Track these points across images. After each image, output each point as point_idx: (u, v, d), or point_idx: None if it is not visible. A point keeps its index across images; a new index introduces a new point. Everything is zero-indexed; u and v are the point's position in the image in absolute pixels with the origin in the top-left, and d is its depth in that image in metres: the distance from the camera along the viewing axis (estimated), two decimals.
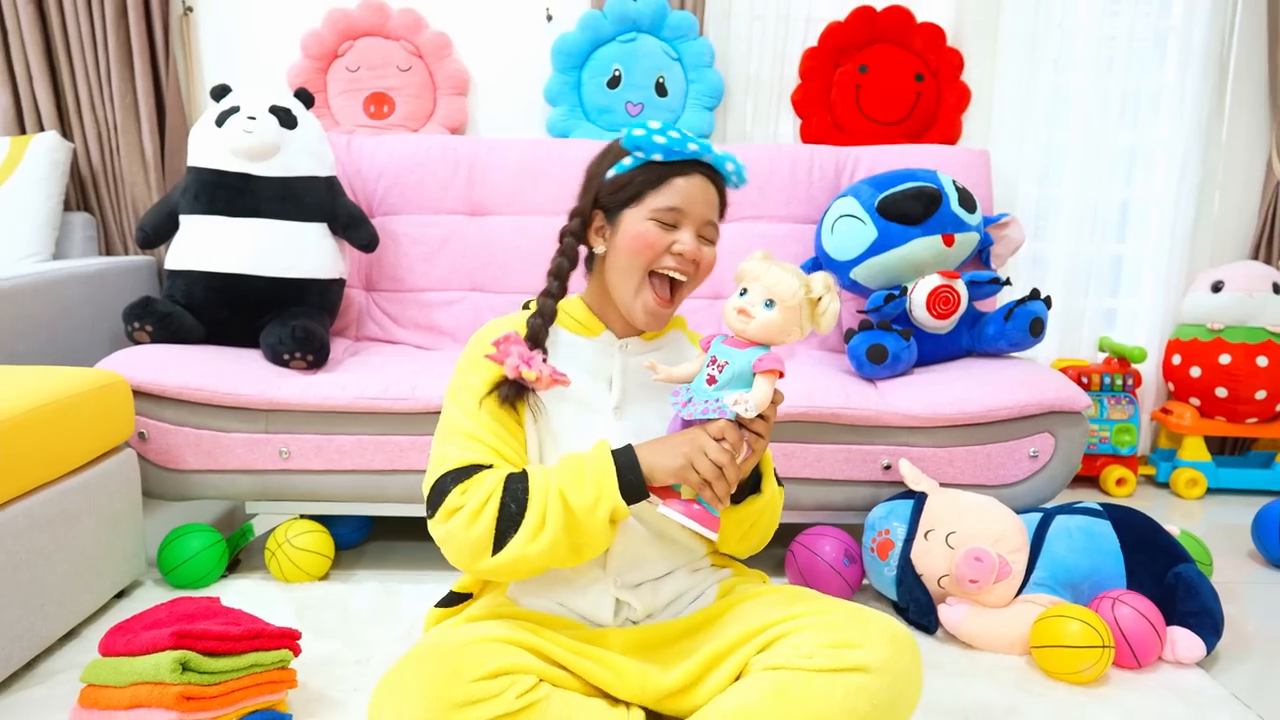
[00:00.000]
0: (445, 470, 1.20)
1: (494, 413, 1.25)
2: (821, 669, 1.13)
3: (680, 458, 1.14)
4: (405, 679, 1.09)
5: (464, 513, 1.17)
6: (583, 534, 1.16)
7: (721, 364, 1.15)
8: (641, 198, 1.24)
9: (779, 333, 1.15)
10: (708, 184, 1.26)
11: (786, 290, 1.13)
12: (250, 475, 1.99)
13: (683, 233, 1.24)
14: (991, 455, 1.99)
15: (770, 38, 2.75)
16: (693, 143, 1.24)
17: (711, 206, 1.27)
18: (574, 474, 1.17)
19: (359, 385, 1.98)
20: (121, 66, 2.62)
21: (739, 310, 1.16)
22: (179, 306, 2.17)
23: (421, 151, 2.54)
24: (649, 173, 1.24)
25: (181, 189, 2.25)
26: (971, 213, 2.27)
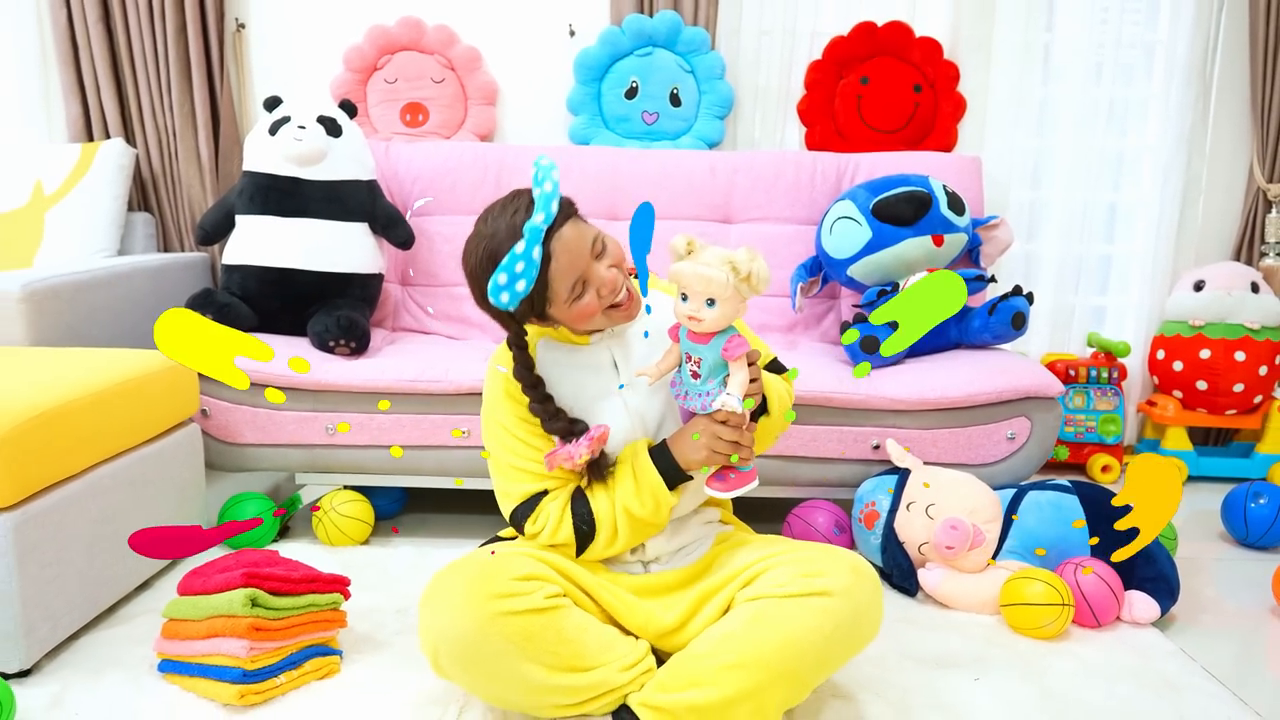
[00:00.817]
0: (514, 506, 1.47)
1: (527, 440, 1.47)
2: (792, 594, 1.35)
3: (703, 450, 1.36)
4: (453, 575, 1.33)
5: (544, 536, 1.45)
6: (650, 527, 1.45)
7: (696, 359, 1.33)
8: (548, 301, 1.35)
9: (728, 319, 1.29)
10: (563, 232, 1.31)
11: (720, 284, 1.25)
12: (299, 449, 2.21)
13: (593, 280, 1.34)
14: (972, 437, 2.17)
15: (777, 51, 2.93)
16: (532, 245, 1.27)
17: (582, 238, 1.33)
18: (632, 492, 1.42)
19: (397, 369, 2.20)
20: (180, 79, 2.85)
21: (689, 316, 1.28)
22: (235, 298, 2.40)
23: (453, 157, 2.75)
24: (537, 287, 1.31)
25: (237, 191, 2.48)
26: (960, 215, 2.44)
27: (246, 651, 1.49)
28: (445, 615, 1.31)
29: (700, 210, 2.72)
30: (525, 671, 1.32)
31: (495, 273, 1.30)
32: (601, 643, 1.40)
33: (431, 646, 1.34)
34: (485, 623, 1.29)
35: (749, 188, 2.72)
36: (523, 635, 1.31)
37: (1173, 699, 1.59)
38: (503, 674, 1.33)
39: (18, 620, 1.53)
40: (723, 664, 1.32)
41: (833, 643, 1.35)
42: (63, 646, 1.69)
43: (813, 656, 1.34)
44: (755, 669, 1.31)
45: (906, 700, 1.57)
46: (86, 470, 1.73)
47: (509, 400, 1.48)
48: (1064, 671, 1.68)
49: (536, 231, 1.28)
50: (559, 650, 1.34)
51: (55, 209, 2.68)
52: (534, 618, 1.32)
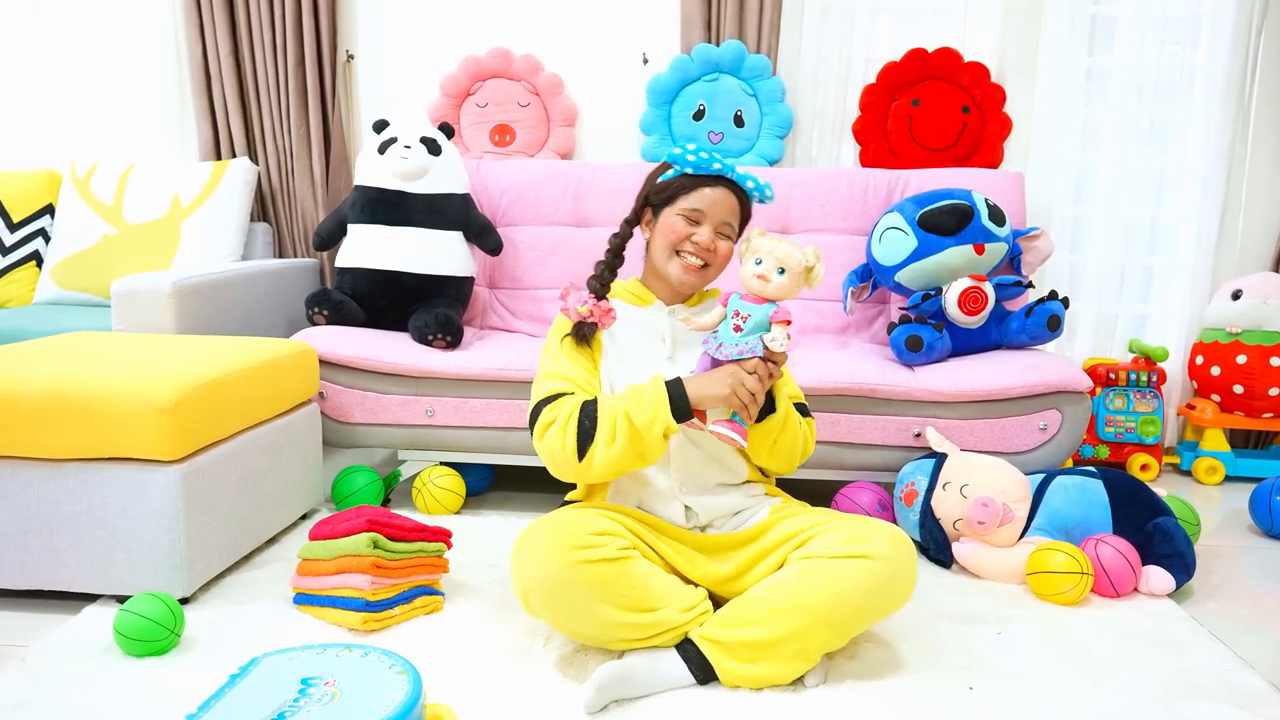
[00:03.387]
0: (540, 398, 1.70)
1: (573, 356, 1.73)
2: (838, 555, 1.57)
3: (726, 387, 1.58)
4: (539, 529, 1.59)
5: (554, 426, 1.64)
6: (643, 444, 1.61)
7: (745, 316, 1.58)
8: (675, 200, 1.71)
9: (787, 292, 1.58)
10: (729, 194, 1.70)
11: (795, 261, 1.57)
12: (402, 429, 2.51)
13: (702, 229, 1.69)
14: (1006, 427, 2.37)
15: (834, 76, 3.16)
16: (717, 163, 1.69)
17: (730, 211, 1.69)
18: (636, 399, 1.62)
19: (488, 360, 2.48)
20: (298, 104, 3.20)
21: (758, 276, 1.58)
22: (347, 297, 2.72)
23: (537, 174, 3.04)
24: (683, 181, 1.71)
25: (349, 203, 2.80)
26: (1000, 226, 2.64)
27: (369, 585, 1.77)
28: (533, 562, 1.55)
29: (760, 222, 2.93)
30: (600, 610, 1.56)
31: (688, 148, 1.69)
32: (665, 587, 1.63)
33: (522, 587, 1.59)
34: (567, 569, 1.53)
35: (806, 201, 2.95)
36: (598, 580, 1.54)
37: (1175, 653, 1.78)
38: (581, 612, 1.57)
39: (183, 554, 1.85)
40: (775, 607, 1.56)
41: (872, 597, 1.58)
42: (214, 581, 2.00)
43: (853, 608, 1.57)
44: (802, 614, 1.54)
45: (935, 646, 1.78)
46: (233, 435, 2.05)
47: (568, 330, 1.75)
48: (1080, 630, 1.87)
49: (730, 167, 1.69)
50: (629, 593, 1.57)
51: (190, 219, 3.05)
52: (608, 566, 1.55)
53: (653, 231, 1.75)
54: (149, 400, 1.78)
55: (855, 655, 1.74)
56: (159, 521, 1.82)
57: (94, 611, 1.85)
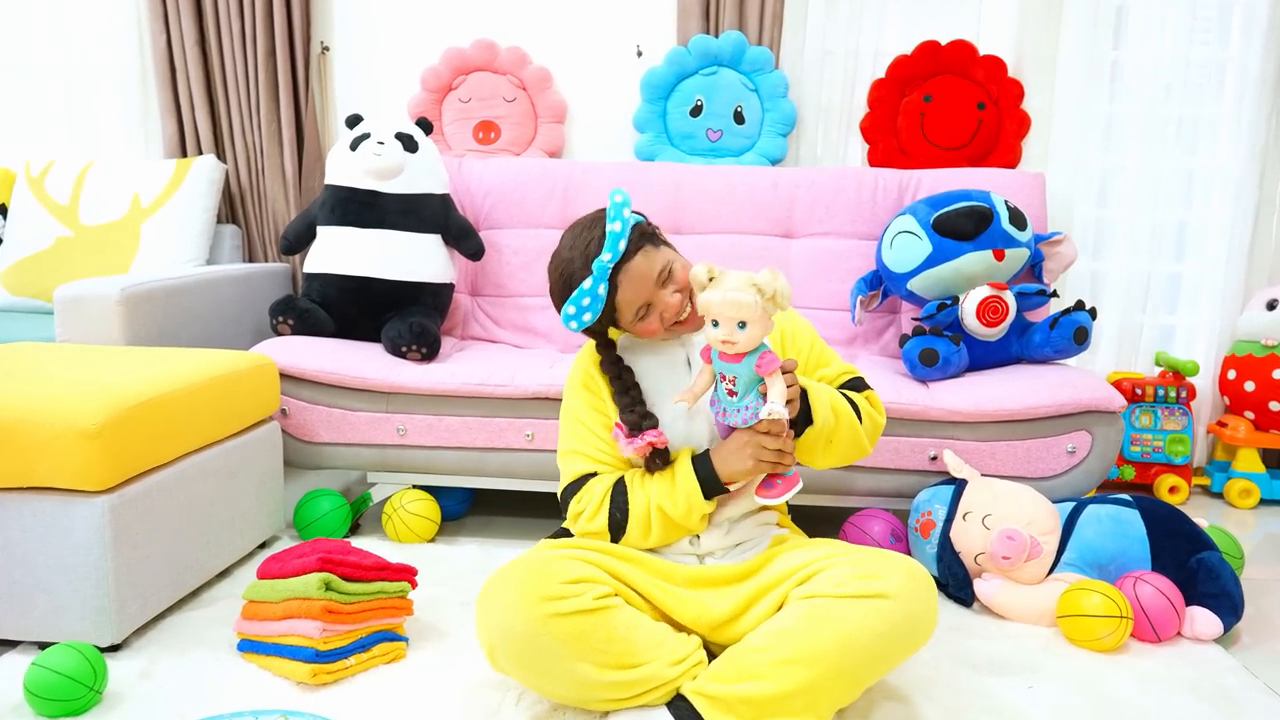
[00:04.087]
0: (566, 484, 1.59)
1: (590, 424, 1.59)
2: (848, 595, 1.37)
3: (749, 460, 1.45)
4: (507, 577, 1.38)
5: (584, 517, 1.55)
6: (682, 530, 1.53)
7: (731, 378, 1.41)
8: (615, 322, 1.55)
9: (759, 338, 1.38)
10: (631, 264, 1.47)
11: (750, 307, 1.33)
12: (371, 449, 2.31)
13: (658, 304, 1.50)
14: (1031, 450, 2.17)
15: (841, 70, 2.98)
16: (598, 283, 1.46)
17: (649, 268, 1.48)
18: (667, 492, 1.51)
19: (465, 374, 2.28)
20: (268, 99, 3.00)
21: (723, 341, 1.36)
22: (315, 305, 2.52)
23: (523, 173, 2.84)
24: (602, 314, 1.50)
25: (319, 203, 2.61)
26: (1022, 230, 2.44)
27: (319, 633, 1.57)
28: (499, 614, 1.37)
29: (762, 225, 2.77)
30: (576, 669, 1.37)
31: (566, 303, 1.49)
32: (652, 639, 1.43)
33: (487, 643, 1.41)
34: (537, 623, 1.34)
35: (810, 203, 2.76)
36: (573, 635, 1.35)
37: (1231, 713, 1.57)
38: (555, 671, 1.38)
39: (111, 596, 1.64)
40: (779, 658, 1.36)
41: (887, 643, 1.38)
42: (151, 624, 1.80)
43: (867, 656, 1.37)
44: (810, 665, 1.34)
45: (958, 704, 1.58)
46: (176, 460, 1.84)
47: (584, 390, 1.62)
48: (1120, 682, 1.67)
49: (603, 269, 1.46)
50: (609, 649, 1.38)
51: (151, 220, 2.84)
52: (583, 618, 1.36)
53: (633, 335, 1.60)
54: (72, 423, 1.58)
55: (869, 713, 1.54)
56: (83, 559, 1.62)
57: (11, 661, 1.65)
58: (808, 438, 1.52)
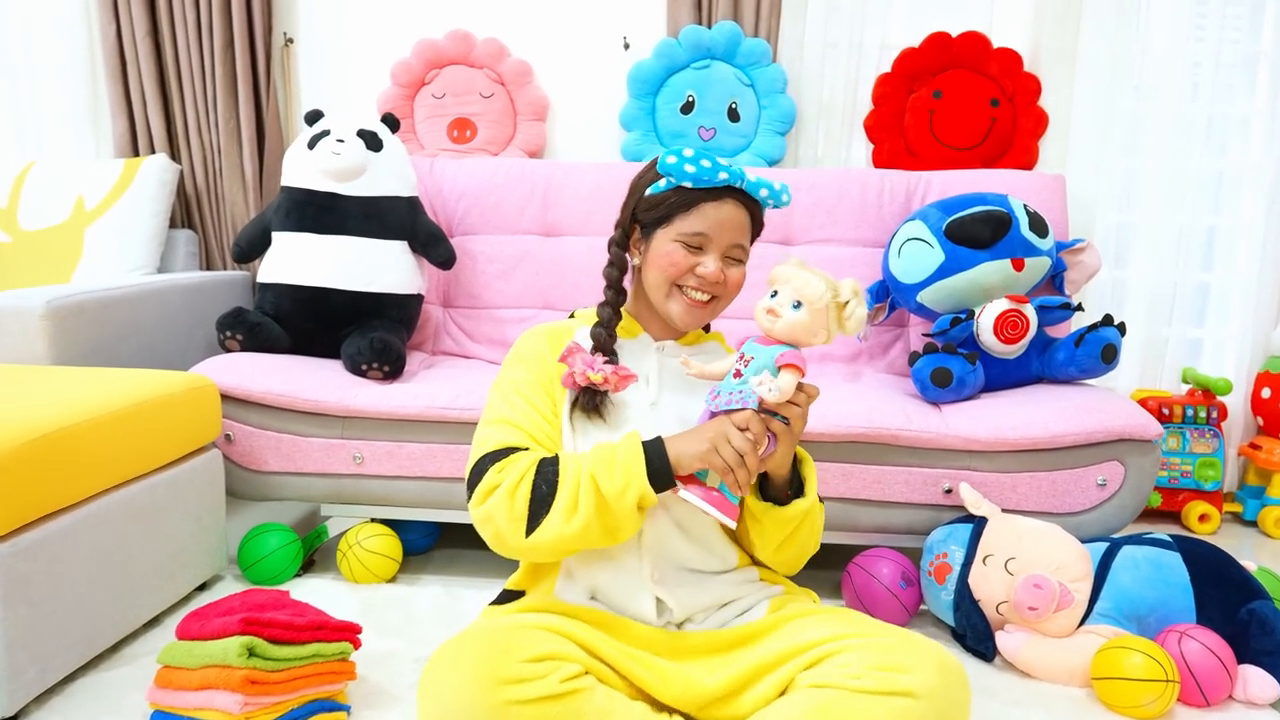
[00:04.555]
0: (484, 452, 1.30)
1: (529, 397, 1.35)
2: (867, 690, 1.14)
3: (705, 442, 1.21)
4: (458, 655, 1.15)
5: (500, 491, 1.26)
6: (613, 517, 1.24)
7: (748, 359, 1.23)
8: (671, 220, 1.33)
9: (805, 333, 1.22)
10: (737, 209, 1.33)
11: (814, 293, 1.20)
12: (325, 479, 2.09)
13: (707, 257, 1.32)
14: (1057, 482, 1.95)
15: (843, 64, 2.77)
16: (723, 171, 1.30)
17: (740, 230, 1.34)
18: (605, 461, 1.24)
19: (430, 395, 2.06)
20: (226, 94, 2.79)
21: (768, 310, 1.23)
22: (268, 318, 2.30)
23: (500, 174, 2.63)
24: (680, 197, 1.32)
25: (275, 207, 2.39)
26: (1043, 237, 2.24)
27: (240, 707, 1.35)
28: (446, 702, 1.13)
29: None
30: None
31: (686, 149, 1.31)
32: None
33: None
34: (493, 712, 1.11)
35: (811, 207, 2.55)
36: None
37: None
38: None
39: (2, 662, 1.41)
40: None
41: None
42: (54, 690, 1.57)
43: None
44: None
45: None
46: (91, 498, 1.62)
47: (535, 361, 1.38)
48: None
49: (739, 174, 1.31)
50: None
51: (95, 225, 2.62)
52: (549, 705, 1.13)
53: (644, 258, 1.38)
54: None
55: None
56: None
57: None
58: (787, 512, 1.31)
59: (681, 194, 1.32)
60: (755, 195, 1.34)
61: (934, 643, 1.21)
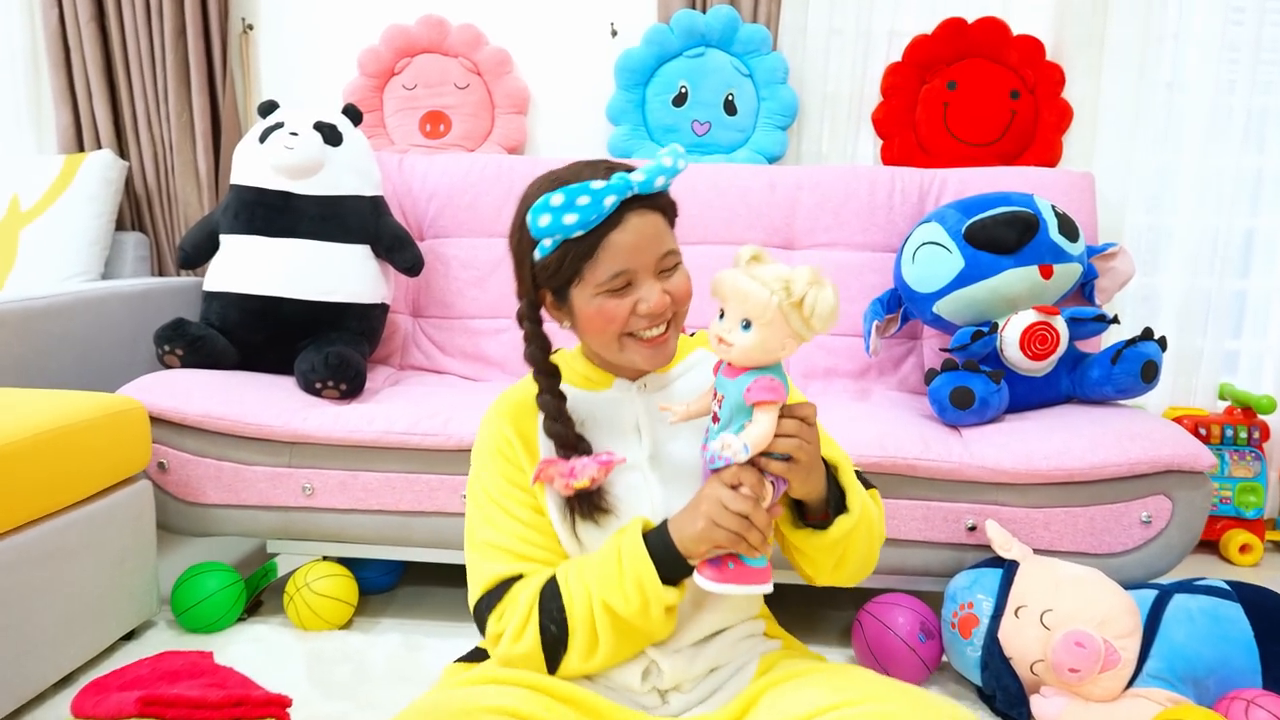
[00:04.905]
0: (479, 594, 1.10)
1: (509, 512, 1.12)
2: None
3: (701, 520, 0.99)
4: None
5: (505, 639, 1.07)
6: (641, 634, 1.06)
7: (720, 399, 1.01)
8: (579, 275, 1.06)
9: (765, 354, 0.98)
10: (645, 217, 1.07)
11: (757, 304, 0.95)
12: (271, 512, 1.87)
13: (641, 289, 1.07)
14: (1095, 519, 1.73)
15: (849, 53, 2.57)
16: (609, 194, 1.02)
17: (659, 238, 1.08)
18: (613, 580, 1.03)
19: (388, 418, 1.84)
20: (179, 84, 2.58)
21: (719, 339, 1.00)
22: (213, 330, 2.08)
23: (475, 171, 2.42)
24: (575, 247, 1.05)
25: (223, 207, 2.18)
26: (1073, 241, 2.02)
27: None
28: None
29: (758, 234, 2.34)
30: None
31: (552, 192, 1.02)
32: None
33: None
34: None
35: (815, 208, 2.34)
36: None
37: None
38: None
39: None
40: None
41: None
42: None
43: None
44: None
45: None
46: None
47: (498, 458, 1.14)
48: None
49: (624, 183, 1.03)
50: None
51: (31, 227, 2.41)
52: None
53: (573, 322, 1.13)
54: None
55: None
56: None
57: None
58: (830, 535, 1.08)
59: (575, 243, 1.05)
60: (650, 191, 1.07)
61: (957, 707, 0.99)
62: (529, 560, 1.09)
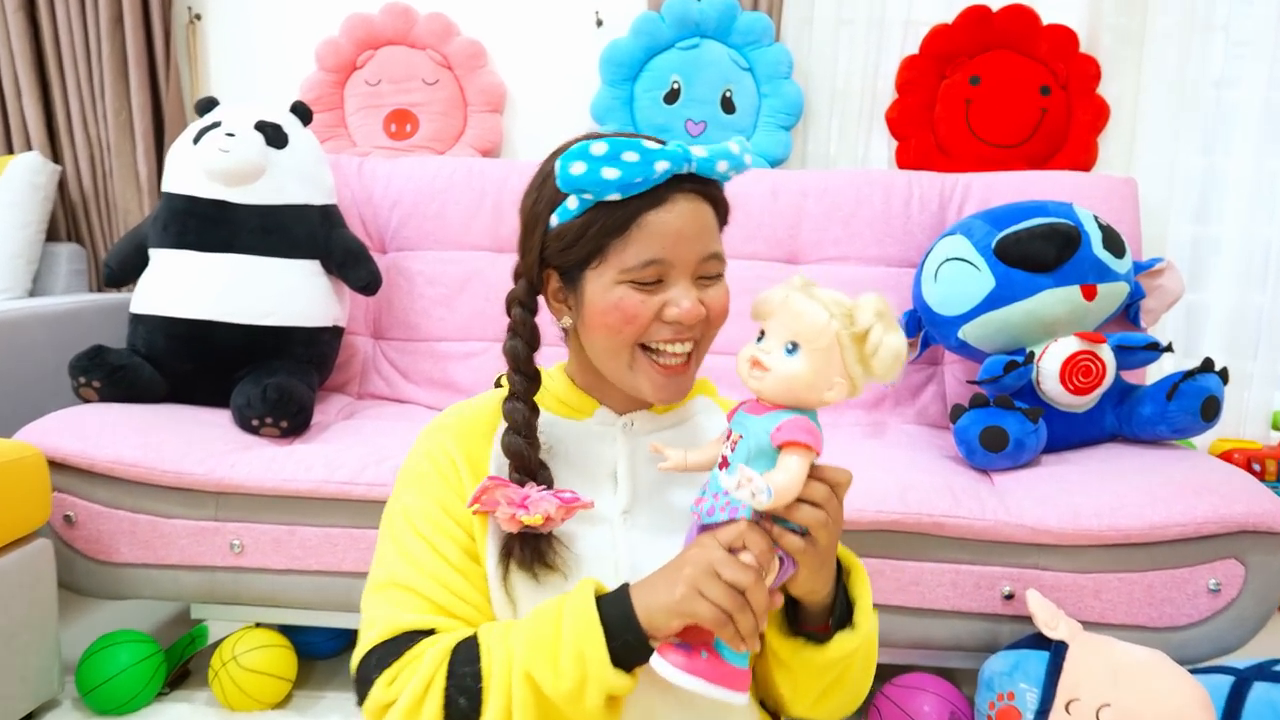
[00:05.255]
0: (370, 646, 0.83)
1: (435, 547, 0.87)
2: None
3: (682, 586, 0.75)
4: None
5: (395, 712, 0.79)
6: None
7: (736, 439, 0.80)
8: (603, 254, 0.85)
9: (809, 389, 0.77)
10: (694, 203, 0.86)
11: (812, 325, 0.77)
12: (196, 572, 1.62)
13: (674, 289, 0.86)
14: (1155, 586, 1.48)
15: (861, 44, 2.38)
16: (661, 159, 0.83)
17: (707, 233, 0.88)
18: (546, 646, 0.77)
19: (328, 464, 1.60)
20: (117, 79, 2.38)
21: (752, 362, 0.80)
22: (138, 357, 1.84)
23: (443, 176, 2.19)
24: (607, 216, 0.84)
25: (152, 218, 1.94)
26: (1119, 257, 1.79)
27: None
28: None
29: (758, 246, 2.11)
30: None
31: (594, 141, 0.83)
32: None
33: None
34: None
35: (823, 217, 2.11)
36: None
37: None
38: None
39: None
40: None
41: None
42: None
43: None
44: None
45: None
46: None
47: (433, 479, 0.89)
48: None
49: (684, 153, 0.84)
50: None
51: None
52: None
53: (578, 317, 0.90)
54: None
55: None
56: None
57: None
58: (828, 652, 0.85)
59: (607, 211, 0.84)
60: (711, 174, 0.87)
61: None
62: (448, 614, 0.84)
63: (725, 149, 0.87)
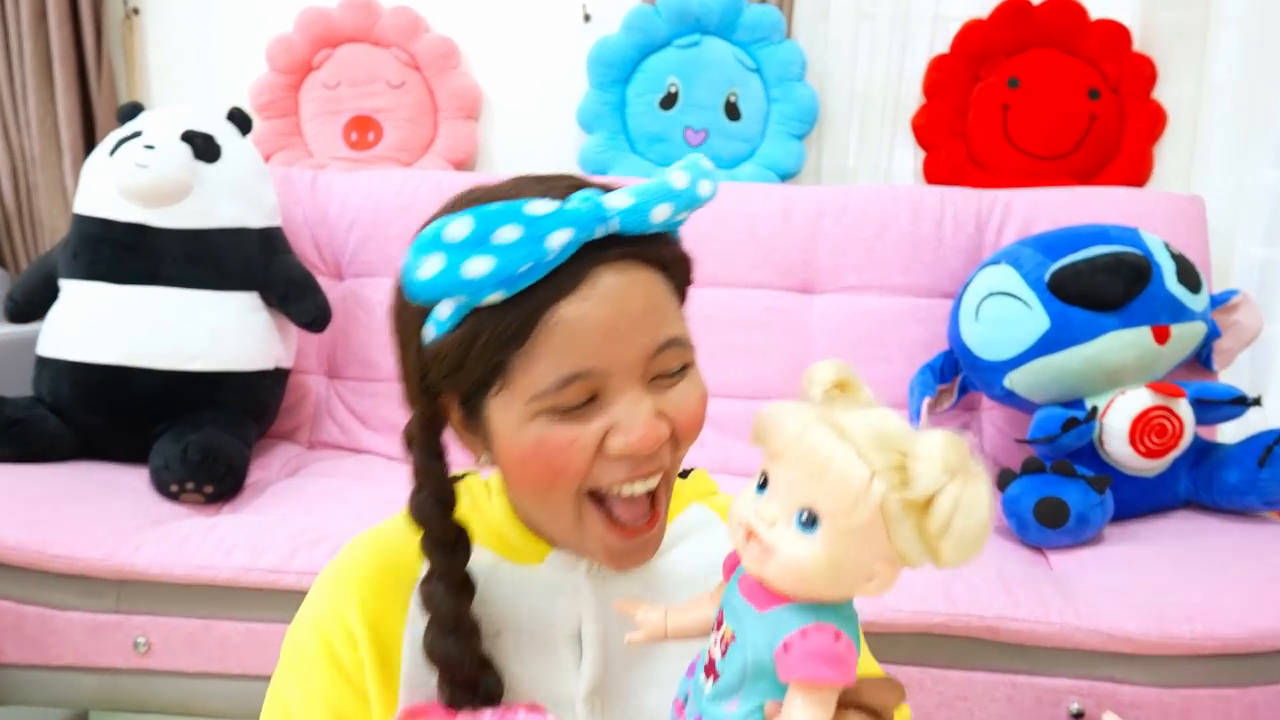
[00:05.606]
0: None
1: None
2: None
3: None
4: None
5: None
6: None
7: (727, 637, 0.55)
8: (504, 373, 0.59)
9: (833, 585, 0.51)
10: (627, 276, 0.61)
11: (841, 489, 0.48)
12: (94, 675, 1.40)
13: (615, 406, 0.61)
14: (1257, 706, 1.24)
15: (884, 43, 2.19)
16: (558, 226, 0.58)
17: (653, 313, 0.62)
18: None
19: (252, 546, 1.36)
20: (40, 82, 2.19)
21: (748, 533, 0.53)
22: (42, 408, 1.62)
23: (408, 191, 1.98)
24: (493, 322, 0.59)
25: (63, 243, 1.70)
26: (1195, 293, 1.58)
27: None
28: None
29: (768, 274, 1.91)
30: None
31: (454, 216, 0.57)
32: None
33: None
34: None
35: (841, 240, 1.91)
36: None
37: None
38: None
39: None
40: None
41: None
42: None
43: None
44: None
45: None
46: None
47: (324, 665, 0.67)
48: None
49: (591, 211, 0.59)
50: None
51: None
52: None
53: (491, 454, 0.65)
54: None
55: None
56: None
57: None
58: None
59: (494, 315, 0.59)
60: (644, 229, 0.62)
61: None
62: None
63: (664, 185, 0.62)
